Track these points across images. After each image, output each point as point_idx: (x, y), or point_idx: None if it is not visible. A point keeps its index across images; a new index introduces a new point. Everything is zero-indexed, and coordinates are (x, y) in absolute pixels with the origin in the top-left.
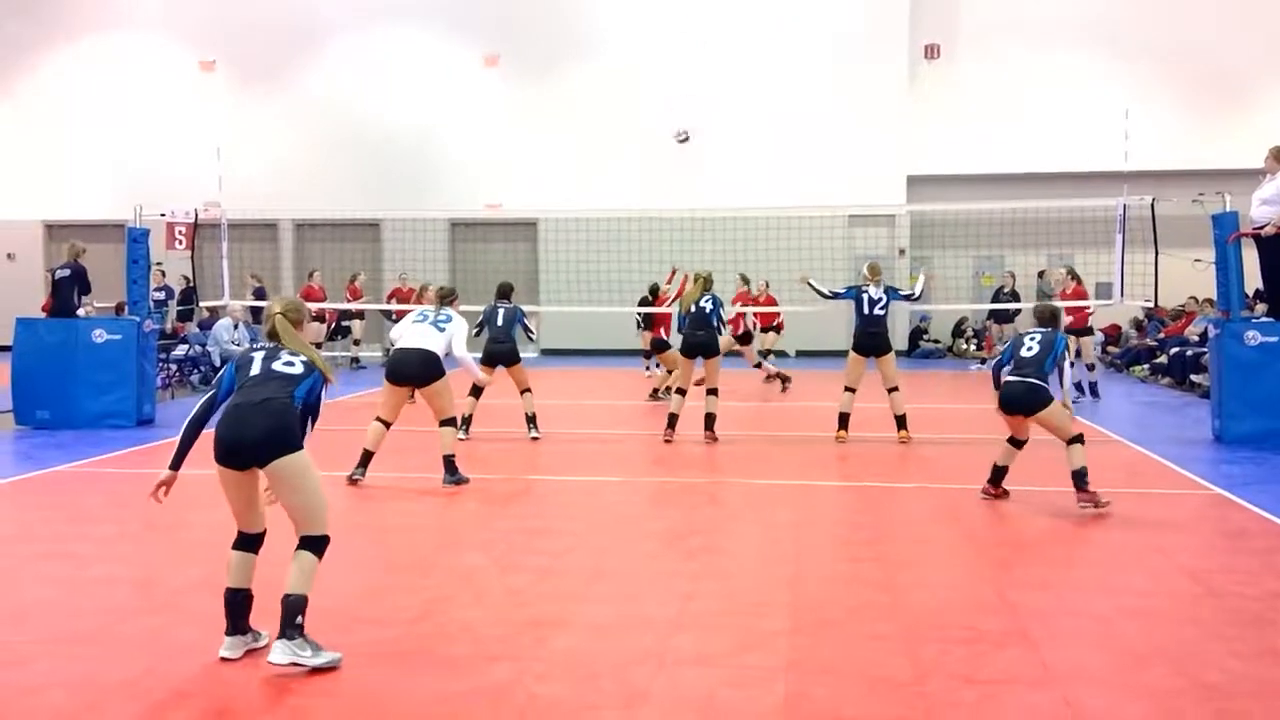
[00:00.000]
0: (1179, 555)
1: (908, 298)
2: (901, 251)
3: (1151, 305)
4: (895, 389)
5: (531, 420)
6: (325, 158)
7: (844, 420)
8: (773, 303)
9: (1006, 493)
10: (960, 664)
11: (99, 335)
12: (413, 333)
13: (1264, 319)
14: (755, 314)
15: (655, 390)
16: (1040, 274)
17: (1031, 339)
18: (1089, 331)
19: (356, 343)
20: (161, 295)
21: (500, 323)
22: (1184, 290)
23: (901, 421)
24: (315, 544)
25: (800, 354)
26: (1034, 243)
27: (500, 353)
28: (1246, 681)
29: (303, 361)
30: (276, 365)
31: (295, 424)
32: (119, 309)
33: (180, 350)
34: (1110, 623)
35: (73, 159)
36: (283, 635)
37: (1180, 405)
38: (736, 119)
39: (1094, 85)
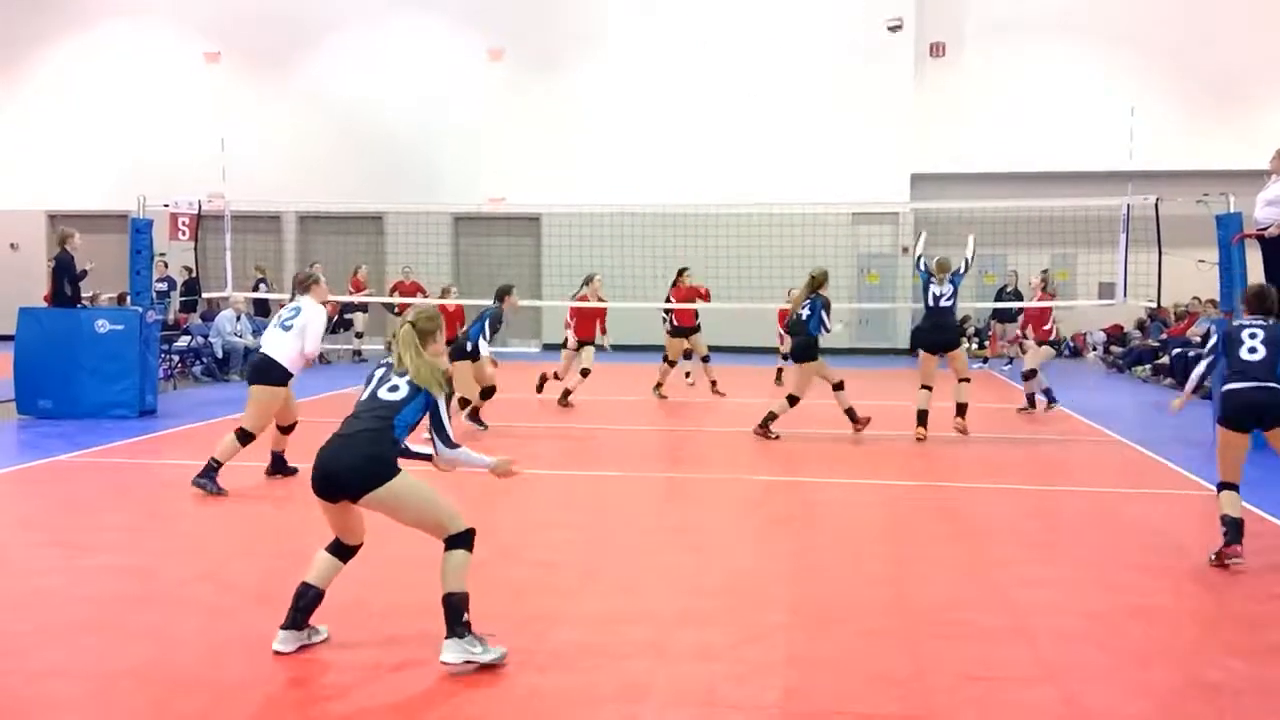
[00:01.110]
0: (1180, 555)
1: (965, 272)
2: (905, 249)
3: (1154, 306)
4: (967, 380)
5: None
6: (329, 150)
7: (922, 418)
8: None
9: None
10: (960, 660)
11: (102, 325)
12: (269, 335)
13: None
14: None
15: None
16: (1043, 273)
17: None
18: (1051, 343)
19: (359, 335)
20: (163, 286)
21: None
22: (1187, 291)
23: (962, 410)
24: (459, 541)
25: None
26: (1038, 242)
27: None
28: (1247, 680)
29: (407, 383)
30: (382, 391)
31: (388, 453)
32: (121, 299)
33: (183, 341)
34: (1111, 621)
35: (76, 149)
36: (452, 634)
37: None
38: (741, 115)
39: (1099, 84)
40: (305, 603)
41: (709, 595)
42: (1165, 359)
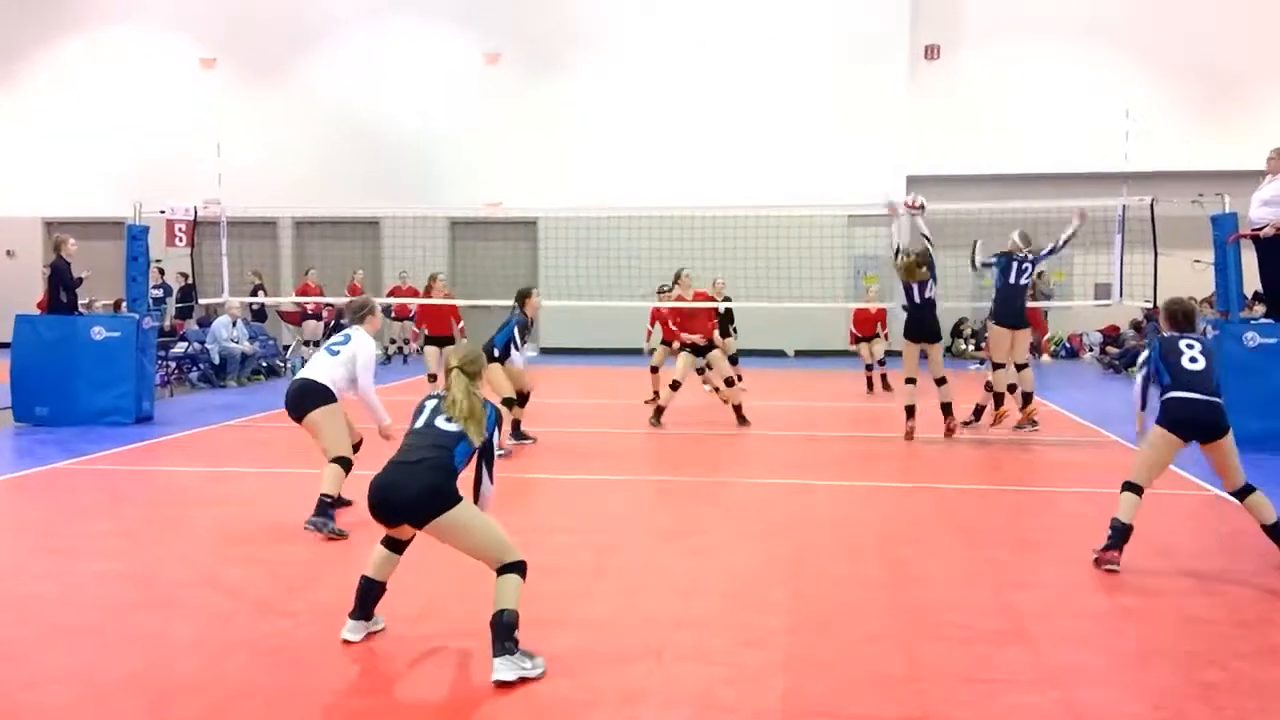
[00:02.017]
0: (1177, 555)
1: (1053, 250)
2: (900, 251)
3: (1150, 306)
4: (1026, 365)
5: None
6: (325, 156)
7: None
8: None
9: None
10: (958, 663)
11: (98, 332)
12: (312, 360)
13: (1263, 320)
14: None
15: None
16: (1039, 274)
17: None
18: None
19: None
20: (159, 293)
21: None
22: (1183, 291)
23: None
24: (513, 568)
25: (799, 354)
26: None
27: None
28: (1245, 681)
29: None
30: (439, 421)
31: (450, 482)
32: (117, 306)
33: (179, 348)
34: (1109, 622)
35: (73, 155)
36: (504, 653)
37: None
38: (737, 119)
39: (1094, 86)
40: (370, 596)
41: (707, 598)
42: None
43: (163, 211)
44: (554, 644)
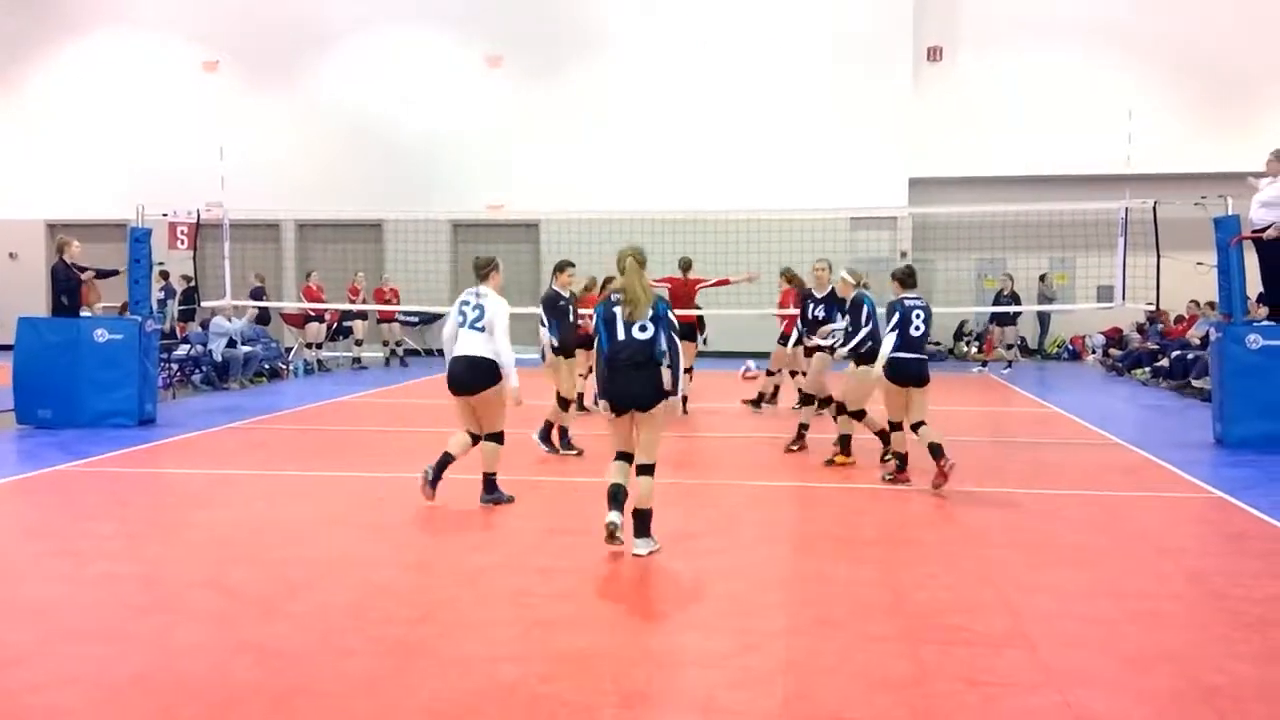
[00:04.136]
0: (1180, 558)
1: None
2: (903, 254)
3: (1153, 308)
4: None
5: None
6: (328, 158)
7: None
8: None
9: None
10: (960, 666)
11: (101, 335)
12: (460, 339)
13: (1265, 322)
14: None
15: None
16: (1041, 277)
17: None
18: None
19: (359, 343)
20: (162, 295)
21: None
22: (1185, 293)
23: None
24: (652, 470)
25: None
26: (1036, 245)
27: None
28: (1249, 684)
29: (650, 320)
30: (635, 332)
31: (661, 379)
32: (123, 309)
33: (182, 350)
34: (1111, 625)
35: (75, 158)
36: (644, 534)
37: (1181, 408)
38: (739, 120)
39: (1096, 88)
40: (617, 499)
41: (708, 601)
42: (1164, 361)
43: (165, 214)
44: (555, 647)
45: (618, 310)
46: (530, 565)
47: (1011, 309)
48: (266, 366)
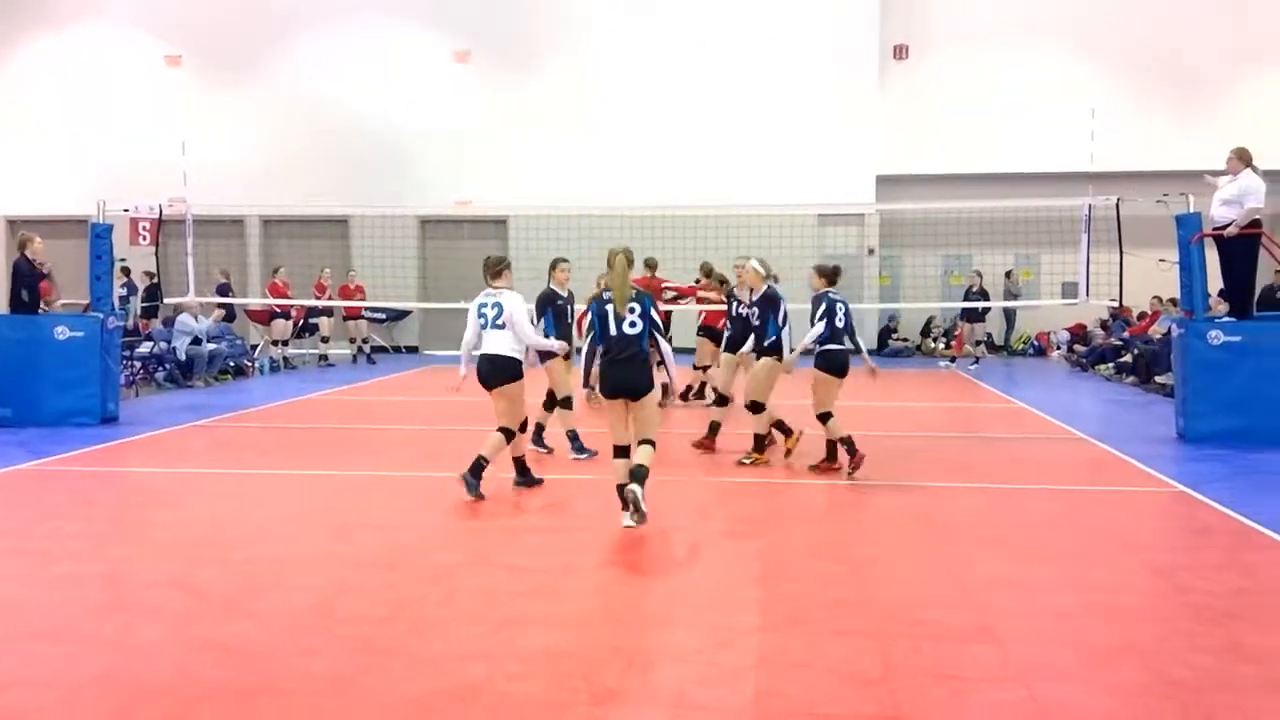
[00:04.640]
0: (1144, 552)
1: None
2: (871, 251)
3: (1116, 305)
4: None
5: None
6: (293, 153)
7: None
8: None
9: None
10: (929, 660)
11: (62, 332)
12: (485, 339)
13: (1226, 319)
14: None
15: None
16: (1007, 274)
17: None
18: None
19: (325, 340)
20: (124, 291)
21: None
22: (1148, 290)
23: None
24: (653, 443)
25: None
26: (1001, 242)
27: None
28: (1212, 677)
29: (639, 317)
30: (625, 328)
31: (651, 370)
32: (88, 308)
33: (145, 347)
34: (1077, 619)
35: (36, 153)
36: (640, 484)
37: (1145, 404)
38: (708, 117)
39: (1061, 87)
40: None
41: (679, 598)
42: (1128, 357)
43: (127, 210)
44: (526, 644)
45: (609, 308)
46: (499, 563)
47: (980, 305)
48: (231, 364)
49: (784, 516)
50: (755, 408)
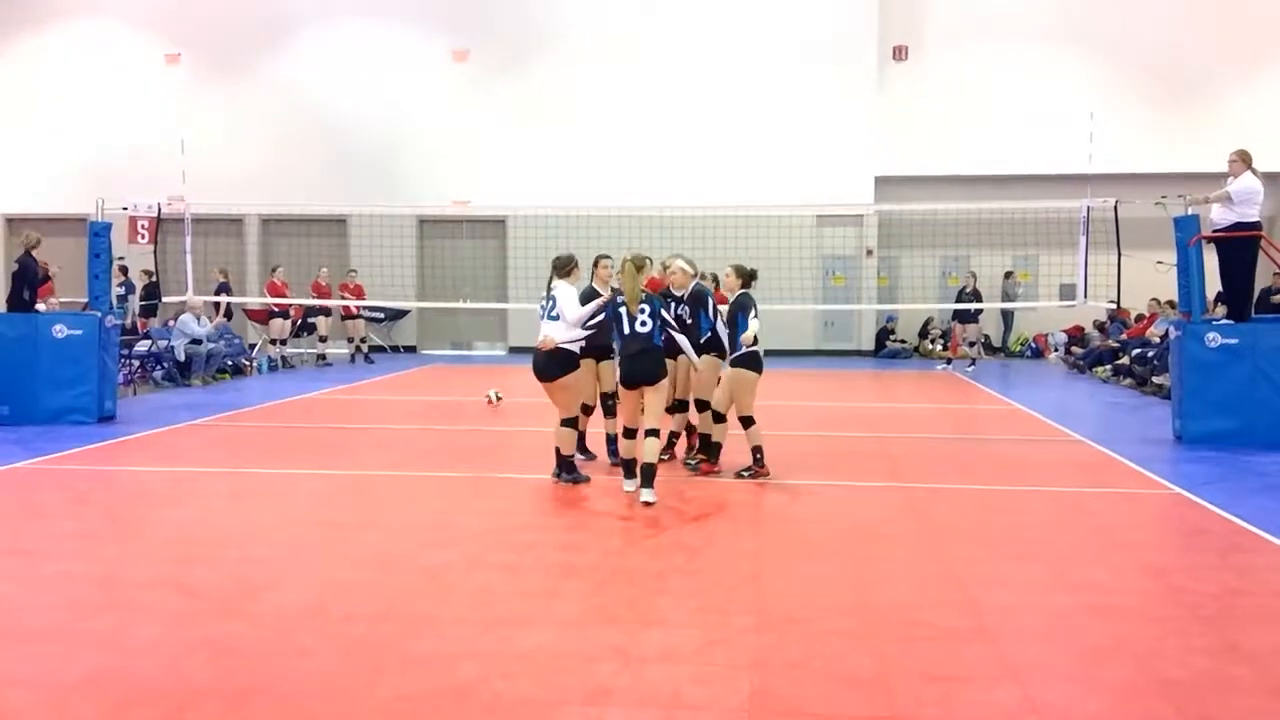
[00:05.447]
0: (1140, 553)
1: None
2: (869, 251)
3: (1114, 306)
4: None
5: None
6: (292, 153)
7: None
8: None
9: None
10: (923, 661)
11: (60, 330)
12: (541, 330)
13: (1224, 321)
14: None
15: None
16: (1007, 275)
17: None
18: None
19: (323, 339)
20: (121, 290)
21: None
22: (1146, 292)
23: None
24: (657, 434)
25: (768, 354)
26: (1000, 243)
27: None
28: (1206, 677)
29: (649, 316)
30: (638, 326)
31: (663, 360)
32: (86, 306)
33: (143, 346)
34: (1071, 619)
35: (35, 151)
36: (649, 485)
37: (1142, 406)
38: (706, 117)
39: (1060, 88)
40: (631, 467)
41: (673, 597)
42: (1125, 359)
43: (125, 208)
44: (520, 643)
45: (623, 310)
46: (492, 563)
47: (973, 306)
48: (229, 363)
49: (779, 517)
50: (701, 406)
